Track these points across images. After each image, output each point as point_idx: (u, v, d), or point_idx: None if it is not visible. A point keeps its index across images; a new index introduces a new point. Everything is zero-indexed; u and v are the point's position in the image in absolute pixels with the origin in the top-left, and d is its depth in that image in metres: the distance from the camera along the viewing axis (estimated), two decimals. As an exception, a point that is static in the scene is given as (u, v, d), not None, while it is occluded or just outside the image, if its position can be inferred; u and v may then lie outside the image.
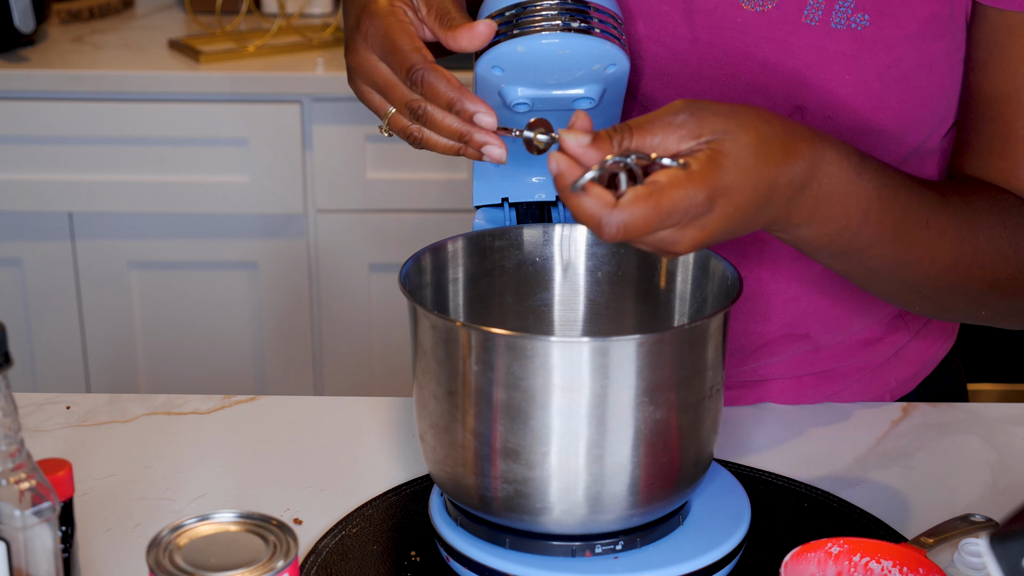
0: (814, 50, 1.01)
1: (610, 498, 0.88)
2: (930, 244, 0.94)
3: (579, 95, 0.96)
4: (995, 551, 0.60)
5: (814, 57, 1.01)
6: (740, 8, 1.02)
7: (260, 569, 0.74)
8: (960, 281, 0.98)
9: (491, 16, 0.94)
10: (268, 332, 2.31)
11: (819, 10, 1.00)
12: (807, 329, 1.15)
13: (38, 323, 2.29)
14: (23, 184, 2.20)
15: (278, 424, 1.16)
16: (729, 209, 0.81)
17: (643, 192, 0.79)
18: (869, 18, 0.99)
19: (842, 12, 0.99)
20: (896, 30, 1.00)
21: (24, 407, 1.14)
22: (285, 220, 2.25)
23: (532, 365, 0.85)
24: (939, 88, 1.03)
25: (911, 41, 1.00)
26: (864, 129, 1.04)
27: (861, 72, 1.01)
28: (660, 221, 0.79)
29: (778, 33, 1.02)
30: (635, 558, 0.91)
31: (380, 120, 0.97)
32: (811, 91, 1.02)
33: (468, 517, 0.93)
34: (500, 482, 0.88)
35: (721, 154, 0.80)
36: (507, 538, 0.91)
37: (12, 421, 0.75)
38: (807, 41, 1.01)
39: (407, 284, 0.93)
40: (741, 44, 1.03)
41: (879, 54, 1.00)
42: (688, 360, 0.88)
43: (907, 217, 0.92)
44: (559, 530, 0.90)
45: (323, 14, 2.48)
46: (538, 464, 0.87)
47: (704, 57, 1.05)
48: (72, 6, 2.45)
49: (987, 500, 1.05)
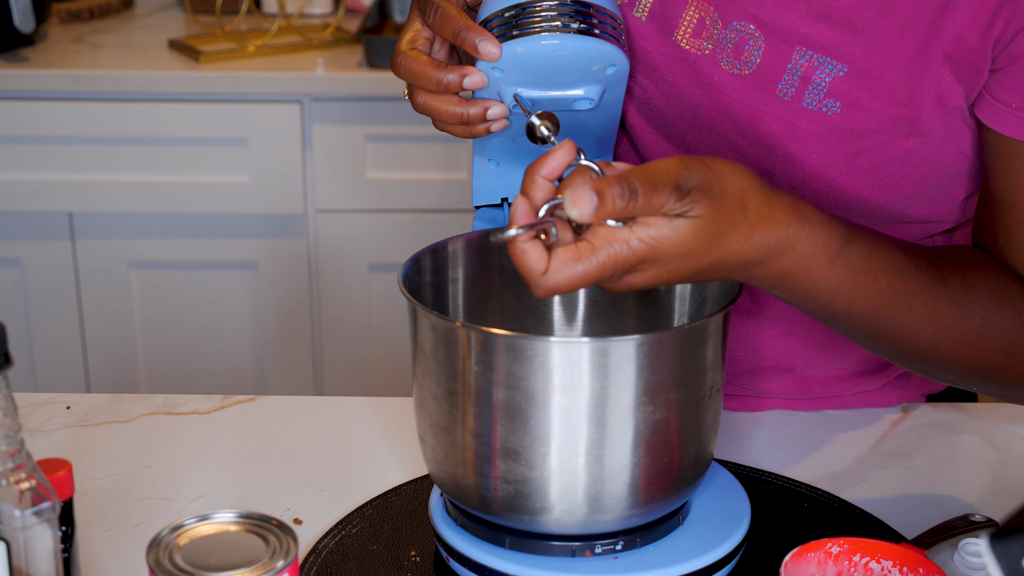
0: (783, 123, 1.01)
1: (610, 498, 0.88)
2: (910, 326, 0.93)
3: (579, 96, 0.96)
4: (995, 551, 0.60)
5: (783, 129, 1.01)
6: (719, 67, 1.02)
7: (260, 569, 0.74)
8: (941, 362, 0.97)
9: (491, 16, 0.94)
10: (268, 332, 2.31)
11: (792, 87, 1.00)
12: (792, 364, 1.16)
13: (38, 323, 2.29)
14: (23, 184, 2.20)
15: (278, 424, 1.16)
16: (660, 273, 0.82)
17: (572, 255, 0.80)
18: (840, 106, 0.99)
19: (814, 94, 0.99)
20: (865, 123, 0.99)
21: (24, 407, 1.14)
22: (285, 220, 2.25)
23: (532, 365, 0.85)
24: (915, 177, 1.01)
25: (880, 135, 0.99)
26: (833, 201, 1.03)
27: (827, 153, 1.00)
28: (588, 282, 0.81)
29: (751, 99, 1.02)
30: (635, 558, 0.91)
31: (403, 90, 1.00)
32: (779, 159, 1.02)
33: (468, 517, 0.93)
34: (500, 482, 0.88)
35: (675, 231, 0.81)
36: (507, 538, 0.91)
37: (12, 421, 0.75)
38: (778, 113, 1.01)
39: (407, 284, 0.93)
40: (718, 101, 1.03)
41: (847, 141, 0.99)
42: (688, 360, 0.88)
43: (884, 301, 0.91)
44: (559, 530, 0.90)
45: (323, 14, 2.48)
46: (538, 464, 0.87)
47: (684, 103, 1.05)
48: (72, 6, 2.45)
49: (987, 500, 1.05)
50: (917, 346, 0.95)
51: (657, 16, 1.04)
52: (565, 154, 0.82)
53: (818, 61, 0.99)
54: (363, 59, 2.22)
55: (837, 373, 1.17)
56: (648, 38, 1.05)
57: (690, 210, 0.81)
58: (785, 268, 0.86)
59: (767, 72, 1.01)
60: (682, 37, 1.03)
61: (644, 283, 0.83)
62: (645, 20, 1.04)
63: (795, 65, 0.99)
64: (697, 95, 1.04)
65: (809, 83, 0.99)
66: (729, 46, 1.01)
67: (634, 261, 0.81)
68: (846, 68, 0.98)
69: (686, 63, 1.04)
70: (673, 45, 1.04)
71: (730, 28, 1.01)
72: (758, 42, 1.00)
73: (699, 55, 1.03)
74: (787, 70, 1.00)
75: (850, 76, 0.98)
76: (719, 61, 1.02)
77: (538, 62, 0.93)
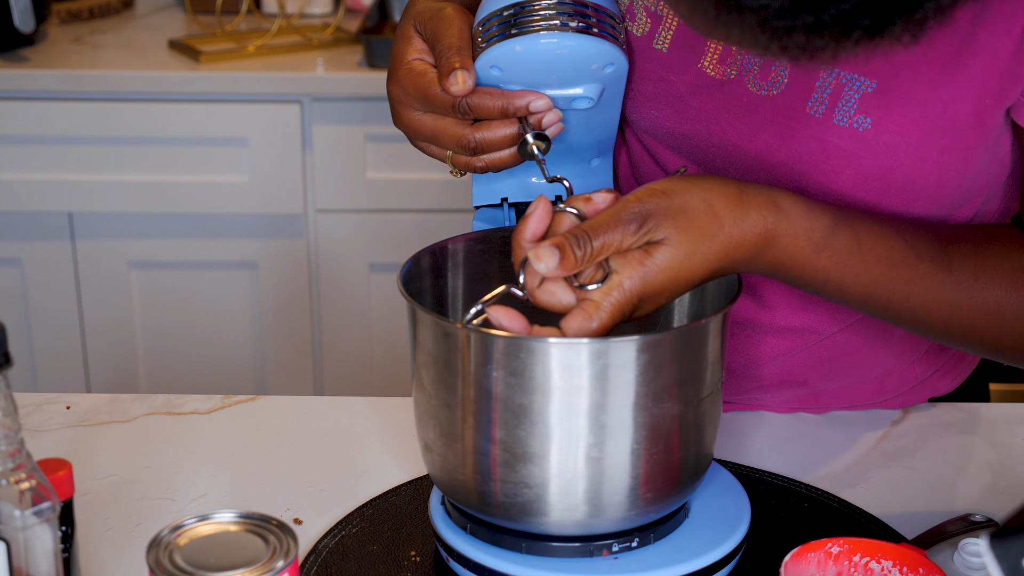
0: (815, 140, 1.00)
1: (610, 498, 0.88)
2: (911, 312, 0.95)
3: (578, 95, 0.96)
4: (995, 551, 0.60)
5: (816, 146, 1.00)
6: (747, 89, 1.02)
7: (260, 569, 0.74)
8: (955, 342, 0.99)
9: (490, 15, 0.94)
10: (268, 332, 2.31)
11: (823, 104, 0.99)
12: (805, 377, 1.15)
13: (38, 323, 2.29)
14: (23, 184, 2.19)
15: (278, 424, 1.16)
16: (660, 300, 0.87)
17: (583, 316, 0.86)
18: (871, 121, 0.98)
19: (844, 111, 0.98)
20: (898, 135, 0.98)
21: (24, 407, 1.14)
22: (285, 220, 2.25)
23: (532, 366, 0.85)
24: (947, 182, 1.01)
25: (914, 148, 0.99)
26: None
27: (861, 168, 1.00)
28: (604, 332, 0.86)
29: (781, 118, 1.01)
30: (635, 558, 0.91)
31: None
32: (811, 178, 1.01)
33: (467, 517, 0.93)
34: (499, 483, 0.88)
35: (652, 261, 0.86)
36: (507, 539, 0.91)
37: (12, 421, 0.75)
38: (809, 131, 1.00)
39: (406, 285, 0.93)
40: (747, 124, 1.03)
41: (879, 155, 0.99)
42: (688, 361, 0.88)
43: (878, 289, 0.93)
44: (559, 531, 0.90)
45: (323, 14, 2.48)
46: (538, 465, 0.87)
47: (712, 129, 1.04)
48: (72, 6, 2.45)
49: (987, 500, 1.05)
50: (923, 329, 0.97)
51: (679, 47, 1.03)
52: (542, 214, 0.87)
53: (846, 78, 0.98)
54: (363, 59, 2.22)
55: (852, 385, 1.16)
56: (671, 69, 1.04)
57: (655, 235, 0.85)
58: (774, 259, 0.89)
59: (796, 91, 1.00)
60: (708, 64, 1.03)
61: (654, 308, 0.88)
62: (666, 51, 1.04)
63: (823, 83, 0.99)
64: (726, 119, 1.03)
65: (839, 99, 0.99)
66: (755, 68, 1.01)
67: (634, 300, 0.86)
68: (874, 84, 0.97)
69: (712, 89, 1.03)
70: (697, 73, 1.03)
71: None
72: (784, 63, 1.00)
73: (725, 80, 1.02)
74: (816, 88, 0.99)
75: (879, 91, 0.97)
76: (746, 83, 1.02)
77: (537, 61, 0.93)
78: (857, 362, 1.14)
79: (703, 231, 0.86)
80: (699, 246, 0.86)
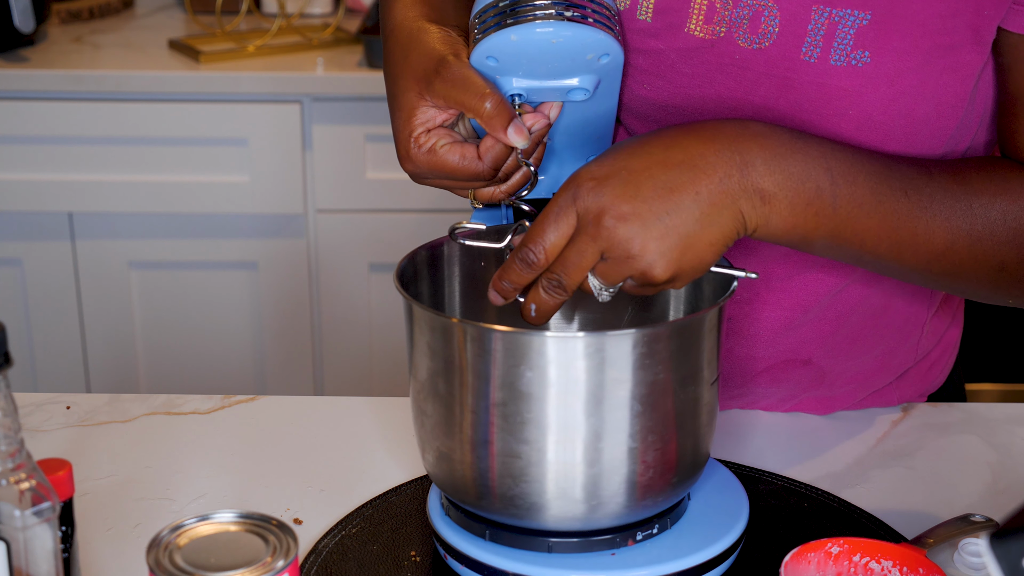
0: (815, 86, 1.00)
1: (608, 494, 0.88)
2: (917, 219, 0.94)
3: (573, 86, 0.96)
4: (995, 551, 0.60)
5: (816, 93, 1.00)
6: (738, 46, 1.01)
7: (260, 569, 0.74)
8: (964, 263, 0.97)
9: (486, 6, 0.94)
10: (268, 332, 2.31)
11: (817, 47, 0.99)
12: (808, 355, 1.14)
13: (38, 323, 2.29)
14: (23, 184, 2.20)
15: (278, 424, 1.16)
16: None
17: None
18: (869, 54, 0.98)
19: (840, 50, 0.98)
20: (899, 63, 0.98)
21: (24, 407, 1.14)
22: (285, 220, 2.25)
23: (528, 361, 0.85)
24: (948, 110, 1.01)
25: (914, 73, 0.98)
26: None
27: (864, 106, 0.99)
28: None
29: (777, 70, 1.01)
30: (633, 554, 0.91)
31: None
32: (813, 125, 1.01)
33: (466, 515, 0.93)
34: (497, 479, 0.88)
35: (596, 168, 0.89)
36: (505, 535, 0.91)
37: (12, 421, 0.75)
38: (807, 77, 1.00)
39: (403, 281, 0.93)
40: (742, 81, 1.02)
41: (881, 87, 0.99)
42: (684, 354, 0.88)
43: (879, 184, 0.93)
44: (557, 527, 0.90)
45: (323, 14, 2.48)
46: (535, 461, 0.87)
47: (706, 91, 1.04)
48: (72, 6, 2.45)
49: (987, 500, 1.05)
50: (936, 246, 0.96)
51: (663, 13, 1.03)
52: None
53: (838, 15, 0.98)
54: (363, 59, 2.22)
55: (855, 364, 1.16)
56: (658, 37, 1.04)
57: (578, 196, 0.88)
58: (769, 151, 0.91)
59: (788, 39, 1.00)
60: (695, 26, 1.02)
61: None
62: (651, 20, 1.04)
63: (815, 26, 0.98)
64: (720, 80, 1.03)
65: (833, 39, 0.98)
66: (744, 23, 1.00)
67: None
68: (869, 15, 0.97)
69: (702, 51, 1.03)
70: (686, 37, 1.03)
71: (741, 5, 1.00)
72: (772, 12, 0.99)
73: (715, 40, 1.02)
74: (808, 32, 0.99)
75: (875, 22, 0.97)
76: (736, 40, 1.01)
77: (532, 50, 0.93)
78: (857, 335, 1.13)
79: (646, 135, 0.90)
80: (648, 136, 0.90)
